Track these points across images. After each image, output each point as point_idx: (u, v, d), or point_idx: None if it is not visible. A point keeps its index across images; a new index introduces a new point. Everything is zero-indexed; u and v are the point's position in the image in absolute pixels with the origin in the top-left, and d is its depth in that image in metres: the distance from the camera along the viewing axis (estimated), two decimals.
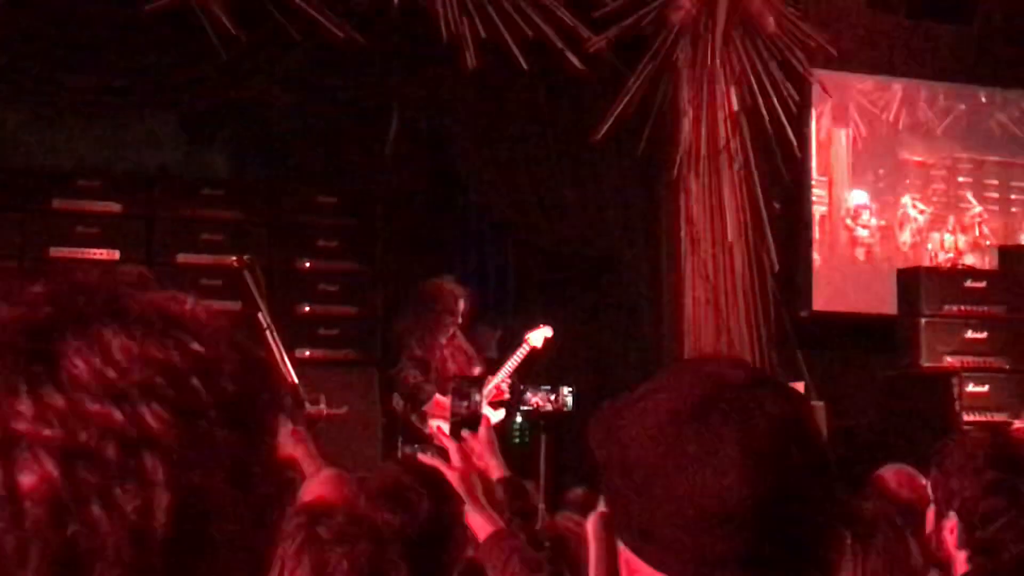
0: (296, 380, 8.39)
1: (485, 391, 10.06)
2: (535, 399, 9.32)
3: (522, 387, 9.67)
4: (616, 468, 1.77)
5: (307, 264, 11.68)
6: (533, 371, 11.00)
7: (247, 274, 8.85)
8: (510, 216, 11.93)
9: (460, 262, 12.35)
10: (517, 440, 10.81)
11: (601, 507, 1.84)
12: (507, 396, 10.63)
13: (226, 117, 11.95)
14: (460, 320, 10.84)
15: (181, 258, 11.29)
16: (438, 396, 10.41)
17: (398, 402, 10.73)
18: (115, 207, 11.20)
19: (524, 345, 10.73)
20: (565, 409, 9.36)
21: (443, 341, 10.74)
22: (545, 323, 10.89)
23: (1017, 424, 9.84)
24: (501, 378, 10.64)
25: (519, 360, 10.71)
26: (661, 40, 11.26)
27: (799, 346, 11.53)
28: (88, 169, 11.39)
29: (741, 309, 11.40)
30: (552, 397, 9.31)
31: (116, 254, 11.12)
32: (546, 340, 10.79)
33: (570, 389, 9.37)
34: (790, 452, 1.74)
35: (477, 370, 10.57)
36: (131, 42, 10.41)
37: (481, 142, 11.60)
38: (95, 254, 11.07)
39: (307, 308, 11.60)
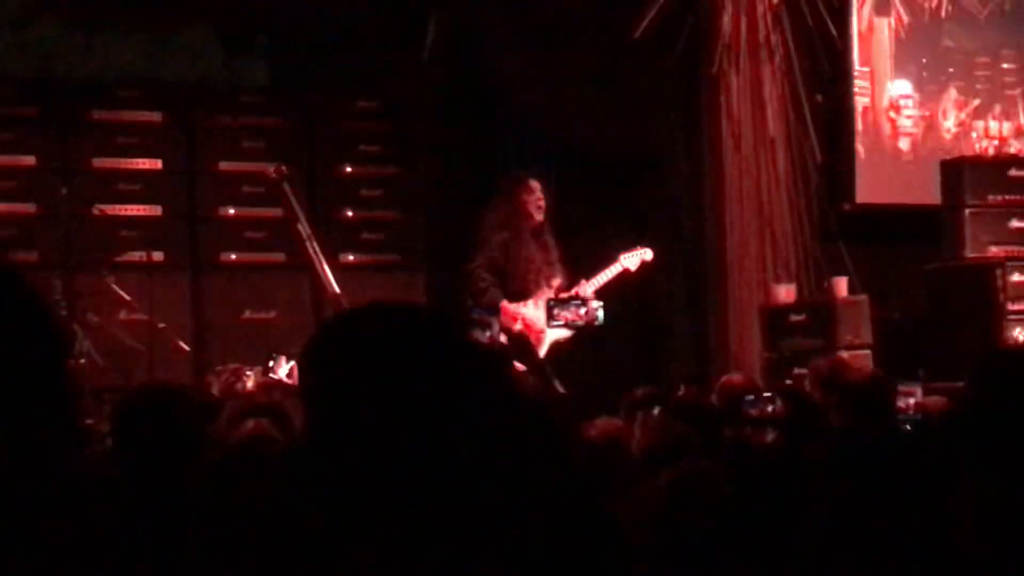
0: (338, 289, 8.44)
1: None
2: (565, 314, 9.32)
3: (551, 303, 9.56)
4: None
5: (348, 169, 11.70)
6: (577, 270, 11.02)
7: (285, 184, 8.89)
8: (549, 119, 11.90)
9: (501, 164, 12.33)
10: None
11: None
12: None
13: (263, 25, 11.93)
14: (542, 217, 10.46)
15: (223, 166, 11.31)
16: (505, 303, 10.20)
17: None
18: (155, 116, 11.23)
19: (617, 264, 10.40)
20: (596, 323, 9.35)
21: (526, 239, 10.37)
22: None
23: None
24: (587, 290, 10.20)
25: (608, 279, 10.36)
26: None
27: (842, 239, 11.50)
28: (127, 80, 11.41)
29: (784, 204, 11.38)
30: (582, 311, 9.31)
31: (159, 163, 11.16)
32: (643, 263, 10.49)
33: (599, 303, 9.33)
34: None
35: (557, 278, 10.40)
36: None
37: (518, 44, 11.55)
38: (138, 164, 11.11)
39: (350, 213, 11.63)
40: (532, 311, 10.22)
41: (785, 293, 11.12)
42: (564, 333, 10.08)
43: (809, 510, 2.74)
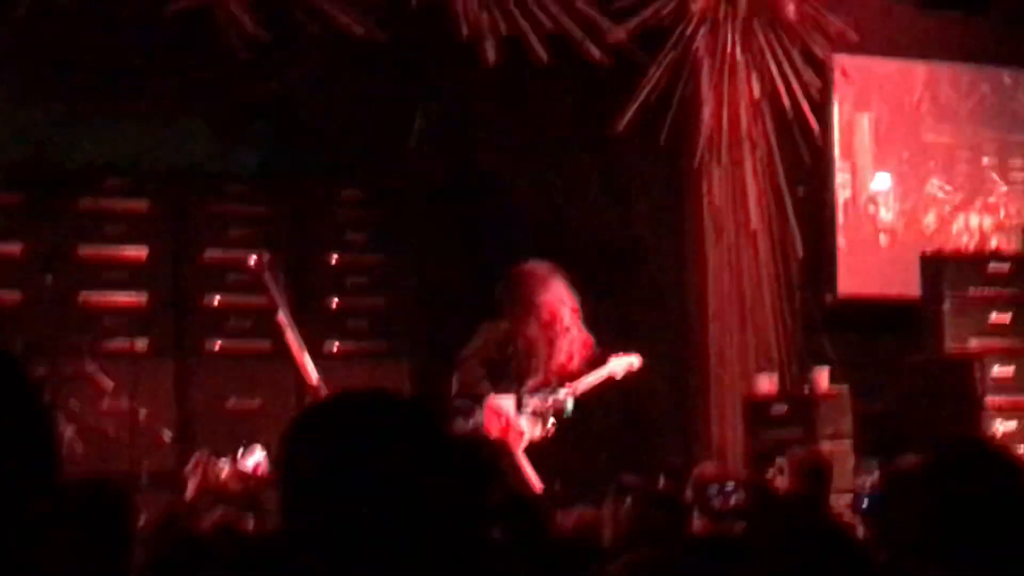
0: (317, 379, 8.49)
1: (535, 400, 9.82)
2: (534, 401, 9.35)
3: (523, 393, 9.54)
4: None
5: (335, 258, 11.77)
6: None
7: (266, 274, 8.96)
8: (534, 208, 12.00)
9: (486, 253, 12.41)
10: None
11: None
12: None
13: (253, 114, 12.06)
14: (550, 312, 9.84)
15: (210, 254, 11.39)
16: (492, 398, 9.67)
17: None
18: (143, 204, 11.31)
19: (605, 368, 9.90)
20: (564, 414, 9.36)
21: (526, 332, 9.77)
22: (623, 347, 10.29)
23: None
24: (570, 392, 9.75)
25: (596, 382, 9.87)
26: (681, 29, 11.32)
27: (824, 331, 11.57)
28: (116, 167, 11.50)
29: (766, 295, 11.46)
30: (549, 400, 9.33)
31: (145, 251, 11.23)
32: (629, 371, 10.01)
33: (568, 392, 9.31)
34: None
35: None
36: (157, 41, 10.55)
37: (504, 135, 11.69)
38: (124, 251, 11.18)
39: (335, 301, 11.70)
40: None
41: (767, 384, 11.18)
42: (538, 431, 9.77)
43: None
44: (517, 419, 9.72)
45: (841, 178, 12.11)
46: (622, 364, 10.11)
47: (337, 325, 11.64)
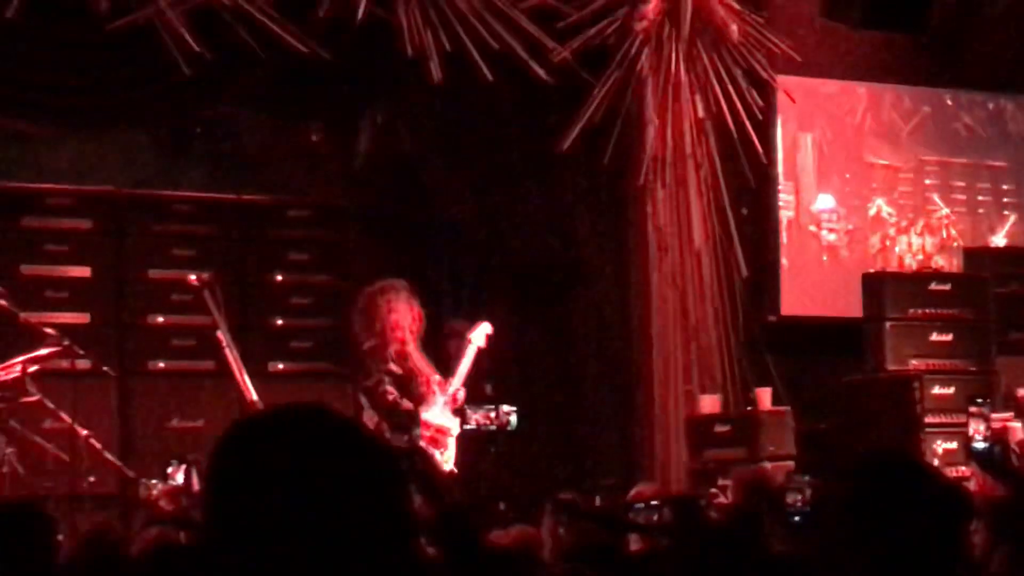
0: (256, 397, 8.47)
1: (443, 399, 9.96)
2: (476, 417, 9.35)
3: (465, 407, 9.56)
4: None
5: (279, 277, 11.75)
6: (505, 382, 11.08)
7: (206, 293, 8.94)
8: (478, 227, 12.02)
9: (431, 273, 12.41)
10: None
11: None
12: (461, 403, 10.04)
13: (197, 134, 12.03)
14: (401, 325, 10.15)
15: (153, 274, 11.34)
16: (423, 416, 9.93)
17: (371, 418, 10.07)
18: (86, 224, 11.26)
19: (471, 346, 10.18)
20: (509, 428, 9.37)
21: (409, 351, 10.17)
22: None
23: None
24: (456, 385, 10.06)
25: (470, 362, 10.17)
26: (625, 50, 11.36)
27: (767, 350, 11.62)
28: (59, 187, 11.44)
29: (709, 315, 11.49)
30: (493, 415, 9.33)
31: (87, 271, 11.17)
32: (488, 336, 10.25)
33: (512, 408, 9.34)
34: None
35: (436, 375, 10.26)
36: (100, 60, 10.50)
37: (448, 153, 11.70)
38: (66, 271, 11.12)
39: (280, 322, 11.67)
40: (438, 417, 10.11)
41: (710, 403, 11.21)
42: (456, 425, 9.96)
43: None
44: (454, 432, 9.83)
45: (784, 198, 12.18)
46: (479, 334, 10.20)
47: (281, 345, 11.61)
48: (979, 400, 6.62)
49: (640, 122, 11.45)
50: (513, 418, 9.26)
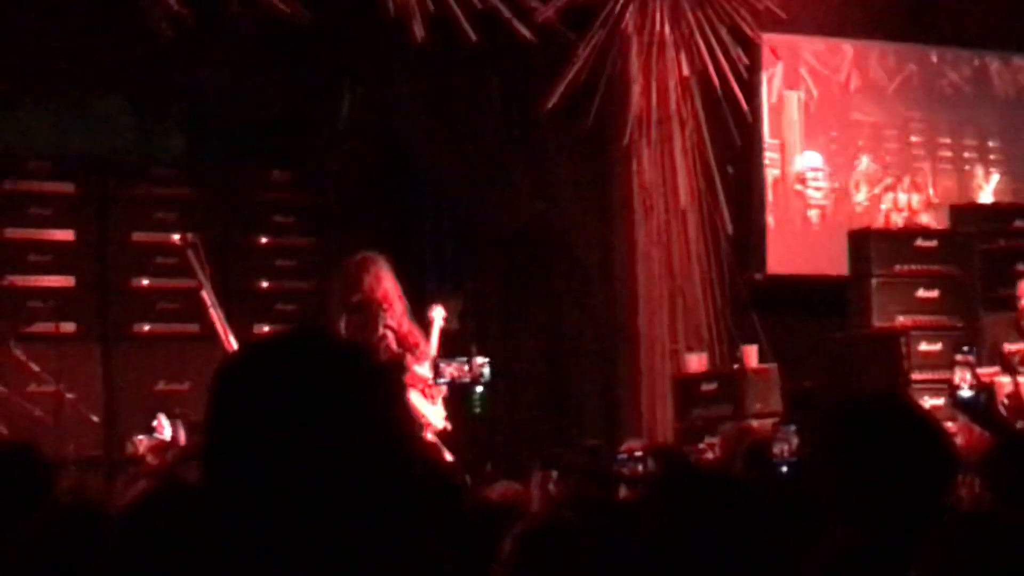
0: None
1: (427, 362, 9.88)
2: (450, 370, 9.28)
3: (438, 360, 9.49)
4: None
5: (263, 240, 11.72)
6: (490, 340, 11.06)
7: (190, 252, 8.90)
8: (461, 188, 11.98)
9: (413, 235, 12.39)
10: (478, 411, 10.44)
11: None
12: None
13: (177, 97, 11.97)
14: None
15: (136, 236, 11.30)
16: (415, 368, 9.87)
17: None
18: (68, 187, 11.21)
19: (438, 321, 10.04)
20: (482, 380, 9.30)
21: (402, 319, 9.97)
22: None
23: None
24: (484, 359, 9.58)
25: (438, 338, 10.03)
26: (610, 8, 11.31)
27: (753, 309, 11.60)
28: (40, 151, 11.39)
29: (695, 274, 11.48)
30: (466, 368, 9.25)
31: (71, 234, 11.13)
32: (444, 318, 10.14)
33: (485, 359, 9.27)
34: None
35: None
36: (81, 23, 10.44)
37: (430, 115, 11.65)
38: (50, 235, 11.08)
39: (264, 284, 11.65)
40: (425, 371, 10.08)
41: (696, 362, 11.20)
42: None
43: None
44: (434, 385, 9.77)
45: (770, 156, 12.14)
46: (437, 313, 10.09)
47: (266, 308, 11.57)
48: (964, 348, 6.58)
49: (624, 81, 11.41)
50: (486, 370, 9.18)
